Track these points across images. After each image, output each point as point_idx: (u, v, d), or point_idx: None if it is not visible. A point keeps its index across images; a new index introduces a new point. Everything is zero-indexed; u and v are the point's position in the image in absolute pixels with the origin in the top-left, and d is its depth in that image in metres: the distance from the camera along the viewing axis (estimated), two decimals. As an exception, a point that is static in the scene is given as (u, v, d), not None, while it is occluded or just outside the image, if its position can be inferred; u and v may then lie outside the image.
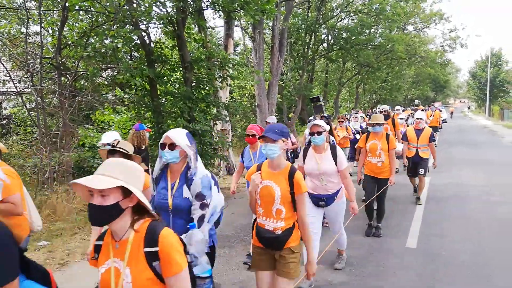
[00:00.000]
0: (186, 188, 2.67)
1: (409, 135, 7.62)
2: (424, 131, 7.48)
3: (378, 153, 5.69)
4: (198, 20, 8.95)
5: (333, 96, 27.83)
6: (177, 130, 2.74)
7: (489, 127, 29.54)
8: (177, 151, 2.63)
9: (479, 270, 4.62)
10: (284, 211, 2.77)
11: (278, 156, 2.77)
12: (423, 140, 7.42)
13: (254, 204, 2.93)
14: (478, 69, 54.54)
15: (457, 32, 27.22)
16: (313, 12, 21.10)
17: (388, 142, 5.69)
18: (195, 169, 2.67)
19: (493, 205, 7.41)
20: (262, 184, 2.82)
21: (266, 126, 3.07)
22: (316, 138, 4.11)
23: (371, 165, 5.79)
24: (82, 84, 10.80)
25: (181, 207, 2.66)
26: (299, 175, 2.77)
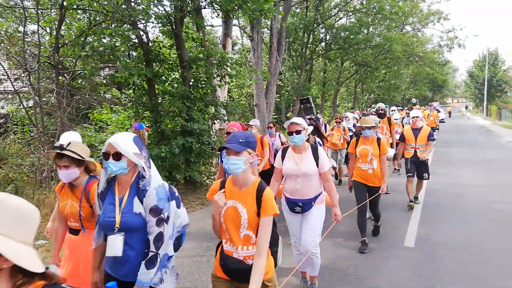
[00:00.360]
0: (137, 201, 2.24)
1: (406, 135, 7.22)
2: (422, 130, 7.09)
3: (369, 159, 5.25)
4: (196, 19, 8.94)
5: (331, 96, 27.84)
6: (122, 135, 2.27)
7: (487, 127, 29.63)
8: (124, 161, 2.20)
9: (478, 270, 4.63)
10: (254, 237, 2.33)
11: (243, 171, 2.32)
12: (421, 140, 7.05)
13: (218, 229, 2.47)
14: (475, 68, 54.73)
15: (455, 32, 27.28)
16: (311, 12, 21.10)
17: (379, 147, 5.27)
18: (149, 179, 2.25)
19: (491, 205, 7.43)
20: (226, 205, 2.38)
21: (230, 134, 2.63)
22: (294, 138, 3.74)
23: (361, 171, 5.34)
24: (80, 83, 10.78)
25: (131, 225, 2.23)
26: (269, 194, 2.34)
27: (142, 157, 2.24)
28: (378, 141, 5.32)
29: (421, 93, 48.67)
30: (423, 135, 7.07)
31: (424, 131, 7.10)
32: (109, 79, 10.68)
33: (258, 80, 12.51)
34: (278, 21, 13.63)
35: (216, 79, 9.48)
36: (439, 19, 26.29)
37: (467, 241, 5.60)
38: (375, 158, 5.25)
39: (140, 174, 2.27)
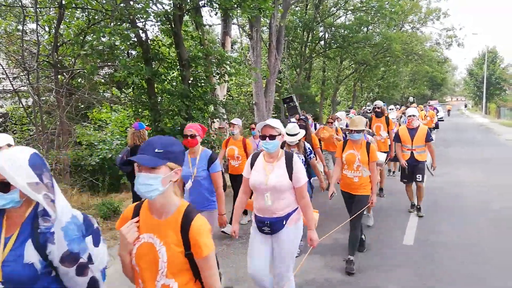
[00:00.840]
0: (31, 247, 1.58)
1: (402, 135, 6.62)
2: (419, 130, 6.51)
3: (355, 166, 4.68)
4: (195, 18, 8.93)
5: (331, 94, 27.85)
6: (11, 156, 1.58)
7: (486, 125, 29.66)
8: (14, 192, 1.58)
9: (478, 270, 4.63)
10: (176, 286, 1.71)
11: (161, 194, 1.69)
12: (418, 141, 6.47)
13: (130, 273, 1.84)
14: (474, 66, 54.78)
15: (454, 31, 27.33)
16: (311, 10, 21.08)
17: (368, 153, 4.71)
18: (54, 216, 1.59)
19: (490, 204, 7.42)
20: (139, 241, 1.75)
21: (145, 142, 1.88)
22: (267, 144, 3.09)
23: (347, 179, 4.78)
24: (79, 82, 10.76)
25: (18, 279, 1.56)
26: (199, 226, 1.70)
27: (41, 187, 1.59)
28: (367, 146, 4.75)
29: (420, 92, 48.70)
30: (420, 135, 6.48)
31: (421, 131, 6.52)
32: (108, 78, 10.66)
33: (257, 78, 12.51)
34: (277, 20, 13.62)
35: (215, 77, 9.48)
36: (438, 17, 26.32)
37: (466, 240, 5.59)
38: (363, 166, 4.68)
39: (39, 208, 1.63)
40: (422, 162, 6.54)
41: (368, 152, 4.69)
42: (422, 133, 6.48)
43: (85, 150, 9.79)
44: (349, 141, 4.83)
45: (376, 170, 5.21)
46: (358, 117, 4.88)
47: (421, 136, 6.47)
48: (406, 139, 6.57)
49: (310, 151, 5.19)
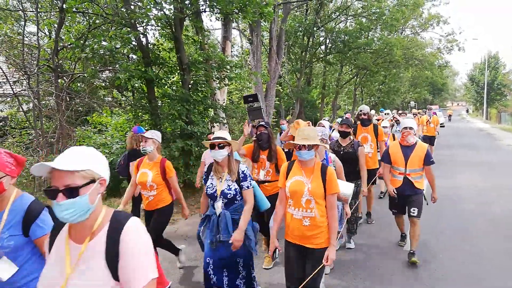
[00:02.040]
0: None
1: (393, 154, 5.06)
2: (416, 149, 4.93)
3: (304, 201, 3.07)
4: (195, 22, 8.95)
5: (331, 99, 27.88)
6: None
7: (486, 130, 29.63)
8: None
9: (478, 271, 4.63)
10: None
11: None
12: (414, 163, 4.90)
13: None
14: (476, 72, 54.84)
15: (454, 36, 27.43)
16: (312, 15, 21.15)
17: (325, 181, 3.08)
18: None
19: (490, 207, 7.41)
20: None
21: None
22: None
23: (294, 222, 3.14)
24: (79, 86, 10.77)
25: None
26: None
27: None
28: (323, 171, 3.12)
29: (420, 96, 48.71)
30: (417, 155, 4.91)
31: (418, 150, 4.93)
32: (108, 82, 10.67)
33: (258, 83, 12.51)
34: (277, 24, 13.65)
35: (215, 81, 9.48)
36: (438, 22, 26.41)
37: (466, 242, 5.60)
38: (316, 201, 3.06)
39: None
40: (418, 191, 4.95)
41: (324, 180, 3.08)
42: (420, 152, 4.91)
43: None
44: (296, 162, 3.23)
45: (342, 206, 4.27)
46: (310, 128, 3.38)
47: (419, 157, 4.90)
48: (398, 160, 5.00)
49: (245, 176, 3.36)
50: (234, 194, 3.28)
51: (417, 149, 4.94)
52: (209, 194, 3.34)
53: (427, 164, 4.91)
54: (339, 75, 26.49)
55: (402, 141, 5.03)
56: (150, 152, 4.21)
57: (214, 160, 3.34)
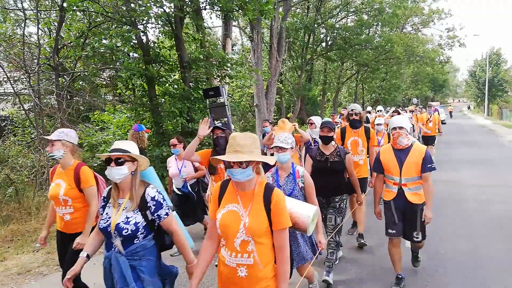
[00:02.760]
0: None
1: (385, 161, 4.05)
2: (412, 152, 3.93)
3: (239, 243, 2.17)
4: (196, 20, 8.94)
5: (332, 95, 27.86)
6: None
7: (488, 127, 29.58)
8: None
9: (479, 270, 4.62)
10: None
11: None
12: (410, 170, 3.90)
13: None
14: (477, 68, 54.70)
15: (455, 32, 27.34)
16: (312, 12, 21.09)
17: (269, 211, 2.18)
18: None
19: (491, 205, 7.39)
20: None
21: None
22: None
23: (226, 271, 2.22)
24: (80, 85, 10.77)
25: None
26: None
27: None
28: (266, 195, 2.20)
29: (422, 93, 48.62)
30: (413, 161, 3.89)
31: (415, 153, 3.92)
32: (110, 80, 10.68)
33: (259, 80, 12.50)
34: (278, 22, 13.62)
35: (216, 79, 9.48)
36: (440, 16, 26.33)
37: (466, 240, 5.57)
38: (259, 241, 2.17)
39: None
40: (417, 207, 3.95)
41: (268, 210, 2.16)
42: (417, 157, 3.89)
43: (87, 152, 9.78)
44: (231, 184, 2.31)
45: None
46: (246, 135, 2.23)
47: (415, 163, 3.88)
48: (391, 167, 3.99)
49: (158, 204, 2.44)
50: (133, 230, 2.34)
51: (414, 152, 3.90)
52: (101, 229, 2.41)
53: (425, 171, 3.83)
54: (340, 72, 26.45)
55: (394, 143, 3.99)
56: (59, 158, 3.25)
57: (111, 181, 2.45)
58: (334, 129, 4.40)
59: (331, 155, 4.32)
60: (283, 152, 3.36)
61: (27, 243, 5.74)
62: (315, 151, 4.42)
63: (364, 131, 5.55)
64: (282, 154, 3.36)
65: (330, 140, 4.34)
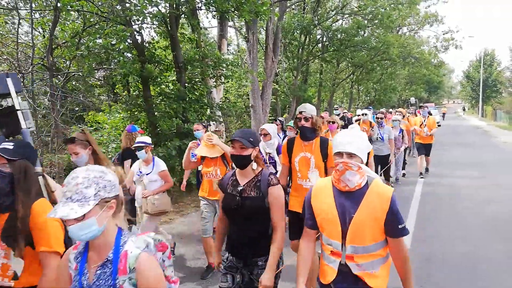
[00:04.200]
0: None
1: (318, 209, 2.28)
2: (367, 199, 2.15)
3: None
4: (191, 20, 8.91)
5: (328, 97, 27.88)
6: None
7: (482, 128, 29.76)
8: None
9: (475, 271, 4.63)
10: None
11: None
12: (362, 233, 2.14)
13: None
14: (472, 69, 55.03)
15: (451, 34, 27.52)
16: (309, 13, 21.12)
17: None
18: None
19: (487, 206, 7.42)
20: None
21: None
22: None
23: None
24: (74, 85, 10.70)
25: None
26: None
27: None
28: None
29: (416, 94, 48.79)
30: (367, 215, 2.14)
31: (373, 200, 2.15)
32: (104, 80, 10.61)
33: (254, 81, 12.49)
34: (273, 23, 13.61)
35: (211, 80, 9.45)
36: (435, 20, 26.51)
37: (462, 242, 5.58)
38: None
39: None
40: None
41: None
42: (377, 206, 2.15)
43: (81, 153, 9.70)
44: None
45: None
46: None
47: (374, 218, 2.14)
48: (327, 223, 2.24)
49: None
50: None
51: (370, 199, 2.14)
52: None
53: (394, 235, 2.16)
54: (335, 73, 26.50)
55: (336, 181, 2.22)
56: None
57: None
58: (254, 143, 2.60)
59: (247, 185, 2.60)
60: None
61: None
62: (227, 178, 2.73)
63: (319, 144, 3.67)
64: None
65: (248, 163, 2.59)
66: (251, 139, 2.59)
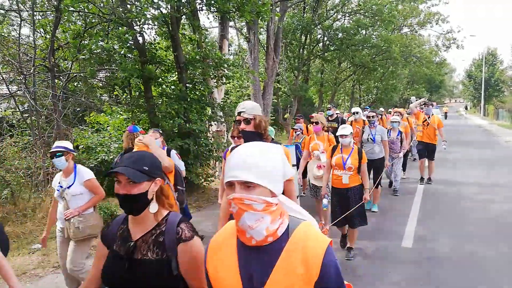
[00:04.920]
0: None
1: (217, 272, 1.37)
2: (284, 259, 1.26)
3: None
4: (192, 21, 8.94)
5: (329, 96, 27.87)
6: None
7: (484, 127, 29.69)
8: None
9: (477, 271, 4.62)
10: None
11: None
12: None
13: None
14: (474, 68, 54.86)
15: (453, 34, 27.46)
16: (309, 13, 21.12)
17: None
18: None
19: (489, 205, 7.41)
20: None
21: None
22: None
23: None
24: (75, 86, 10.72)
25: None
26: None
27: None
28: None
29: (418, 93, 48.67)
30: (286, 283, 1.24)
31: (291, 260, 1.26)
32: (106, 81, 10.64)
33: (255, 81, 12.50)
34: (274, 23, 13.62)
35: (213, 80, 9.47)
36: (437, 20, 26.43)
37: (465, 242, 5.57)
38: None
39: None
40: None
41: None
42: (292, 270, 1.24)
43: (82, 154, 9.74)
44: None
45: None
46: None
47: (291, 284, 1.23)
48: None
49: None
50: None
51: (290, 254, 1.28)
52: None
53: None
54: (337, 72, 26.48)
55: (238, 231, 1.34)
56: None
57: None
58: (152, 171, 1.71)
59: (143, 241, 1.71)
60: None
61: (22, 245, 5.71)
62: (116, 224, 1.82)
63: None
64: None
65: (140, 205, 1.68)
66: (145, 167, 1.66)
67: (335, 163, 4.96)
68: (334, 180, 5.05)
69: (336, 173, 5.00)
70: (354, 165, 4.88)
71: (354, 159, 4.90)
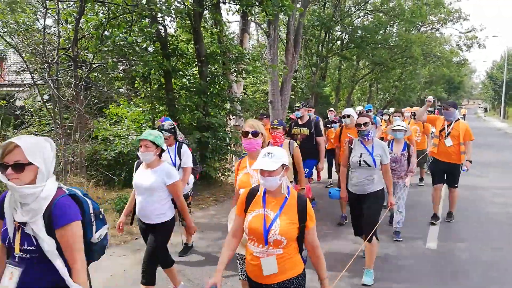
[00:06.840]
0: None
1: None
2: None
3: None
4: (215, 14, 8.89)
5: (346, 94, 27.62)
6: None
7: (504, 130, 29.05)
8: None
9: (499, 273, 4.55)
10: None
11: None
12: None
13: None
14: (495, 69, 53.66)
15: (475, 32, 26.77)
16: (329, 9, 20.89)
17: None
18: None
19: (509, 208, 7.30)
20: None
21: None
22: None
23: None
24: (95, 77, 10.78)
25: None
26: None
27: None
28: None
29: (436, 94, 47.79)
30: None
31: None
32: (126, 73, 10.68)
33: (274, 76, 12.41)
34: (295, 18, 13.49)
35: (232, 74, 9.43)
36: (459, 18, 25.85)
37: (488, 245, 5.47)
38: None
39: None
40: None
41: None
42: None
43: (101, 144, 9.81)
44: None
45: None
46: None
47: None
48: None
49: None
50: None
51: None
52: None
53: None
54: (355, 70, 26.19)
55: None
56: None
57: None
58: None
59: None
60: None
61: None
62: None
63: None
64: None
65: None
66: None
67: None
68: None
69: None
70: None
71: None
